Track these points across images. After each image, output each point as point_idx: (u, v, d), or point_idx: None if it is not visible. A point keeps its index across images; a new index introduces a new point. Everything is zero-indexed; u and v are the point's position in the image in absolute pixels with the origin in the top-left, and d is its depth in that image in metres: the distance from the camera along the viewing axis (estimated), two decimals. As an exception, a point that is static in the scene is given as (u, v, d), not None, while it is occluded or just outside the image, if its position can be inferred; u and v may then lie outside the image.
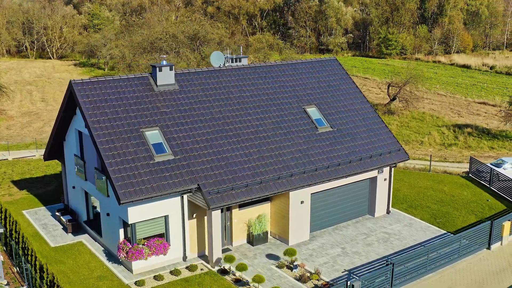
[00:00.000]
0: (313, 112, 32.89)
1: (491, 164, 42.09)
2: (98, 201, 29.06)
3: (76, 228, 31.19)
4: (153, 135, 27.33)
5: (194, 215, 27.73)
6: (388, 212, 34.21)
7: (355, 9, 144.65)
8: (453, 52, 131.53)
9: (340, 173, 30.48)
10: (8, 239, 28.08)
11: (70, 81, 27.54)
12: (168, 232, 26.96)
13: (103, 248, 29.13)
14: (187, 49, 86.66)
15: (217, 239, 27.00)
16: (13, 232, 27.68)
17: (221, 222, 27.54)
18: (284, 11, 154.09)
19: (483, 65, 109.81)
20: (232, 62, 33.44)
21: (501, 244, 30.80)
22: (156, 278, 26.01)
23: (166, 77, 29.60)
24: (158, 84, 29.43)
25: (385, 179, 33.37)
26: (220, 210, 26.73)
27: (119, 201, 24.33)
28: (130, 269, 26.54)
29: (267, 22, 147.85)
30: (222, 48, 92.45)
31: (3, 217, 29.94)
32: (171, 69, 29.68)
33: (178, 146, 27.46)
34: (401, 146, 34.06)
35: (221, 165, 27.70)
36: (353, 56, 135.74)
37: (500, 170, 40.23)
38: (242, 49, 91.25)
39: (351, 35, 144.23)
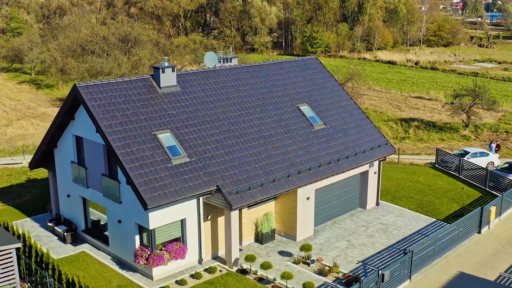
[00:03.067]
0: (306, 110, 33.48)
1: (453, 154, 44.41)
2: (105, 209, 28.03)
3: (74, 238, 29.97)
4: (166, 138, 26.83)
5: (209, 217, 27.50)
6: (377, 204, 35.44)
7: (278, 8, 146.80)
8: (375, 49, 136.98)
9: (340, 168, 31.27)
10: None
11: (74, 85, 26.45)
12: (185, 236, 26.59)
13: (110, 257, 28.20)
14: (118, 51, 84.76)
15: (235, 239, 26.94)
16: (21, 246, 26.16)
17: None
18: (206, 12, 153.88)
19: (407, 60, 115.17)
20: (224, 62, 33.37)
21: (489, 228, 32.79)
22: (179, 283, 25.59)
23: (168, 79, 29.10)
24: (161, 86, 28.87)
25: (375, 173, 34.55)
26: (238, 210, 26.69)
27: (145, 207, 23.73)
28: (149, 276, 25.91)
29: (190, 22, 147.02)
30: (159, 49, 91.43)
31: (1, 231, 28.19)
32: (173, 71, 29.22)
33: (191, 148, 27.12)
34: (388, 140, 35.39)
35: (235, 165, 27.66)
36: (278, 55, 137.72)
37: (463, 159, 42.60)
38: (175, 50, 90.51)
39: (275, 34, 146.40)
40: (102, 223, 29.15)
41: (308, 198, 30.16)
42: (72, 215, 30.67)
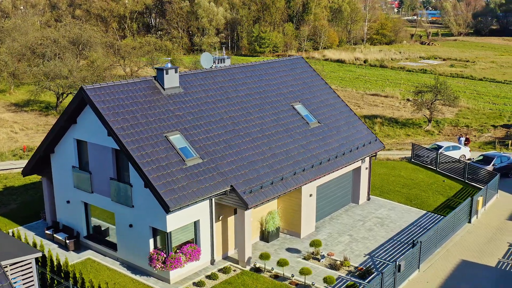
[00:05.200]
0: (300, 108, 33.99)
1: (427, 148, 46.03)
2: (113, 213, 27.49)
3: (77, 245, 29.26)
4: (177, 139, 26.65)
5: (220, 217, 27.53)
6: (368, 199, 36.39)
7: (225, 9, 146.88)
8: (321, 48, 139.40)
9: (338, 164, 31.98)
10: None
11: (81, 87, 25.85)
12: (199, 237, 26.52)
13: (119, 262, 27.72)
14: (70, 54, 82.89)
15: (248, 238, 27.10)
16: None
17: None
18: (152, 13, 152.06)
19: (356, 59, 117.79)
20: (218, 63, 33.45)
21: (477, 217, 34.30)
22: (197, 284, 25.51)
23: (172, 80, 28.90)
24: (165, 87, 28.63)
25: (366, 168, 35.47)
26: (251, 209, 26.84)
27: (167, 209, 23.53)
28: (165, 279, 25.66)
29: (137, 24, 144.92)
30: (114, 52, 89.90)
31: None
32: (176, 72, 29.04)
33: (201, 149, 27.07)
34: (376, 137, 36.40)
35: (244, 165, 27.82)
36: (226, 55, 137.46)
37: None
38: (131, 52, 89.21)
39: (223, 34, 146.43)
40: (107, 228, 28.61)
41: (311, 195, 30.67)
42: (73, 222, 29.89)
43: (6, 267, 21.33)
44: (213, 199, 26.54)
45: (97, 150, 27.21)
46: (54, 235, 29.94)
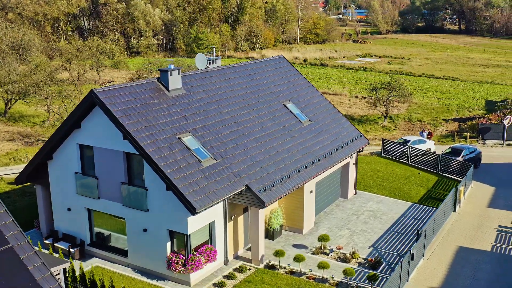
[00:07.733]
0: (291, 107, 34.57)
1: (395, 143, 47.80)
2: (124, 218, 26.97)
3: (82, 253, 28.48)
4: (190, 141, 26.52)
5: (232, 217, 27.66)
6: (355, 193, 37.46)
7: (161, 10, 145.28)
8: (258, 48, 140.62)
9: (334, 160, 32.83)
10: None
11: (91, 91, 25.19)
12: (214, 238, 26.53)
13: (130, 268, 27.23)
14: (11, 58, 79.86)
15: (262, 236, 27.37)
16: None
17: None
18: (85, 15, 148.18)
19: (295, 58, 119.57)
20: (211, 63, 33.49)
21: (459, 206, 36.12)
22: (218, 285, 25.51)
23: (175, 82, 28.69)
24: (170, 89, 28.38)
25: (353, 164, 36.53)
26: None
27: (194, 211, 23.44)
28: (185, 282, 25.48)
29: (71, 27, 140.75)
30: (60, 54, 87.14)
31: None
32: (179, 73, 28.86)
33: (213, 150, 27.07)
34: (361, 133, 37.57)
35: (254, 164, 28.06)
36: (164, 57, 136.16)
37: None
38: (78, 55, 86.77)
39: (159, 36, 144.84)
40: (112, 234, 28.03)
41: (311, 191, 31.31)
42: (74, 230, 28.98)
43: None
44: (227, 199, 26.63)
45: (104, 154, 26.58)
46: (55, 244, 28.95)
